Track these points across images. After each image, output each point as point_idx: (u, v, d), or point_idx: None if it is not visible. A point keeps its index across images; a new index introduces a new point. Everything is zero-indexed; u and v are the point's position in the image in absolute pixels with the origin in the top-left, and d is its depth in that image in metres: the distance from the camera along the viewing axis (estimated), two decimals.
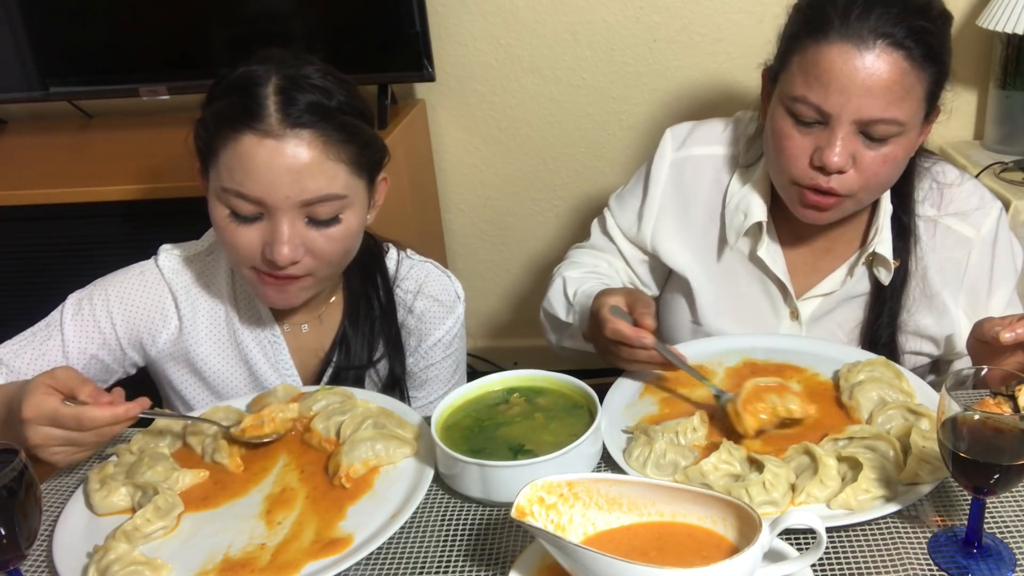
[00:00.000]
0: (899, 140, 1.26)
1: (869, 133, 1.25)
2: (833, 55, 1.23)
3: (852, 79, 1.22)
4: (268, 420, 1.19)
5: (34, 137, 2.56)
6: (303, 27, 2.37)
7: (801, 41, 1.27)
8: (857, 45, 1.21)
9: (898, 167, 1.30)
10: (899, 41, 1.21)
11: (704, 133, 1.51)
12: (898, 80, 1.22)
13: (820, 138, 1.27)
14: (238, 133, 1.19)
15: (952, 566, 0.94)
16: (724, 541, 0.90)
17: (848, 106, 1.23)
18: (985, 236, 1.41)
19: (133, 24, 2.39)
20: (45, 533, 1.08)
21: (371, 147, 1.29)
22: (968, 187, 1.44)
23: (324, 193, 1.21)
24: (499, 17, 2.49)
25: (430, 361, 1.48)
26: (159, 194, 2.07)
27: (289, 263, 1.22)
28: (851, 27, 1.22)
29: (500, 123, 2.62)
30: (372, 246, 1.45)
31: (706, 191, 1.48)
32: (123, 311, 1.35)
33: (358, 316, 1.43)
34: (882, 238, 1.38)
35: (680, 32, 2.47)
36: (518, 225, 2.77)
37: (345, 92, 1.26)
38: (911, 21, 1.22)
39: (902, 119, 1.24)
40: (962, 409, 0.90)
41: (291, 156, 1.19)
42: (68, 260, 2.23)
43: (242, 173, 1.20)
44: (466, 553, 1.01)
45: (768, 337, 1.38)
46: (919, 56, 1.22)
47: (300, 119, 1.20)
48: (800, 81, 1.26)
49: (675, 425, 1.13)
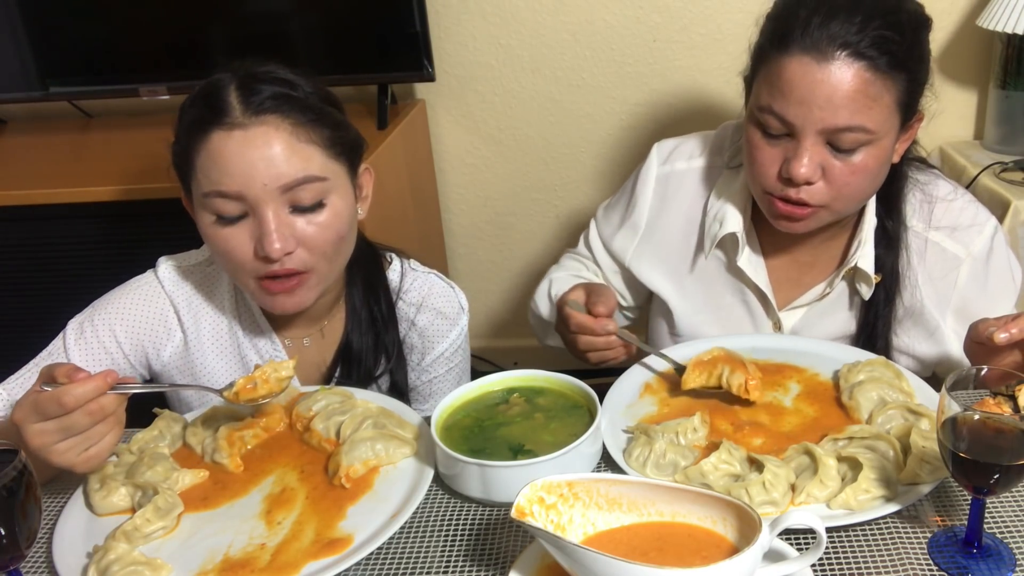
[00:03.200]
0: (870, 149, 1.25)
1: (836, 143, 1.24)
2: (794, 67, 1.22)
3: (812, 90, 1.21)
4: (261, 381, 1.16)
5: (34, 137, 2.56)
6: (303, 27, 2.37)
7: (767, 52, 1.27)
8: (816, 57, 1.20)
9: (872, 176, 1.28)
10: (861, 51, 1.20)
11: (688, 147, 1.52)
12: (861, 89, 1.21)
13: (788, 149, 1.26)
14: (207, 134, 1.20)
15: (952, 566, 0.94)
16: (724, 541, 0.90)
17: (810, 117, 1.22)
18: (976, 255, 1.38)
19: (133, 24, 2.39)
20: (45, 533, 1.08)
21: (344, 129, 1.29)
22: (960, 203, 1.41)
23: (302, 175, 1.21)
24: (499, 17, 2.49)
25: (432, 375, 1.47)
26: (159, 194, 2.06)
27: (282, 254, 1.21)
28: (811, 38, 1.21)
29: (500, 123, 2.62)
30: (374, 257, 1.44)
31: (688, 204, 1.49)
32: (126, 328, 1.35)
33: (361, 330, 1.42)
34: (864, 252, 1.37)
35: (680, 32, 2.47)
36: (518, 225, 2.77)
37: (311, 84, 1.28)
38: (874, 31, 1.20)
39: (870, 127, 1.22)
40: (962, 409, 0.90)
41: (261, 143, 1.19)
42: (68, 260, 2.24)
43: (217, 171, 1.20)
44: (466, 553, 1.01)
45: (768, 337, 1.39)
46: (884, 65, 1.21)
47: (263, 106, 1.20)
48: (766, 92, 1.26)
49: (675, 425, 1.13)
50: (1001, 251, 1.41)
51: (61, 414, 1.01)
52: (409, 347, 1.46)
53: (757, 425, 1.16)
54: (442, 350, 1.46)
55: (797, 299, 1.44)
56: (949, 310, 1.40)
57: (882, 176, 1.31)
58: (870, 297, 1.39)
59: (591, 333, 1.30)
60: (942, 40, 2.43)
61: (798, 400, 1.21)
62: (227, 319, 1.38)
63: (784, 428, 1.15)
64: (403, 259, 1.48)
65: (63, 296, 1.36)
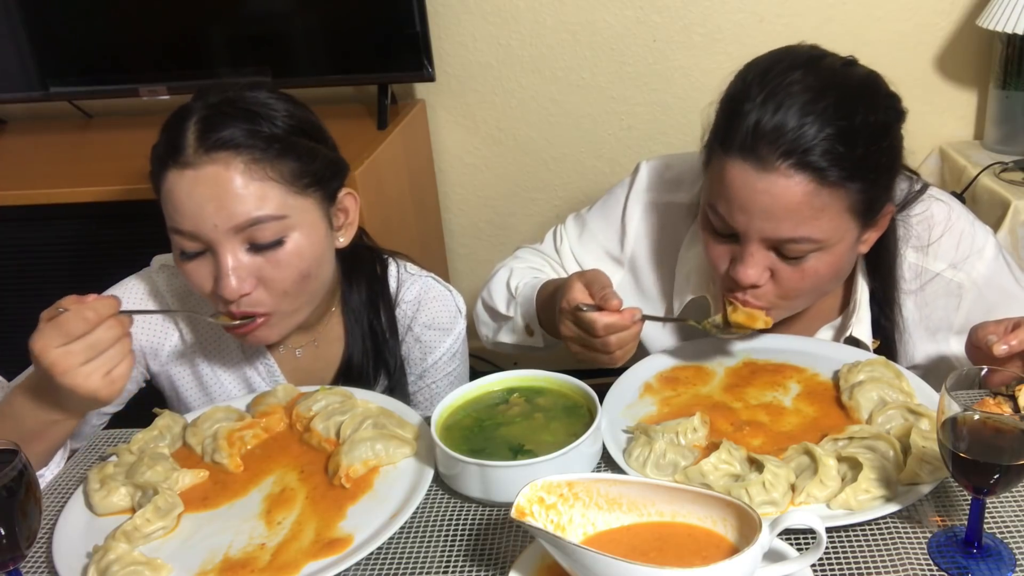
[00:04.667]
0: (821, 255, 1.17)
1: (782, 252, 1.17)
2: (735, 172, 1.14)
3: (751, 200, 1.13)
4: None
5: (34, 137, 2.56)
6: (303, 27, 2.37)
7: (712, 147, 1.19)
8: (755, 165, 1.12)
9: (828, 279, 1.21)
10: (806, 161, 1.10)
11: (674, 174, 1.44)
12: (805, 202, 1.11)
13: (734, 249, 1.20)
14: (165, 171, 1.19)
15: (952, 566, 0.94)
16: (724, 541, 0.90)
17: (752, 225, 1.15)
18: (978, 280, 1.33)
19: (133, 24, 2.39)
20: (45, 533, 1.08)
21: (312, 161, 1.23)
22: (957, 227, 1.32)
23: (254, 216, 1.17)
24: (499, 17, 2.49)
25: (431, 379, 1.46)
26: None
27: (238, 295, 1.19)
28: (753, 143, 1.11)
29: (500, 123, 2.62)
30: (374, 264, 1.42)
31: (667, 242, 1.42)
32: None
33: (361, 346, 1.39)
34: (859, 318, 1.32)
35: (680, 32, 2.47)
36: (518, 225, 2.77)
37: (282, 111, 1.23)
38: (822, 141, 1.10)
39: (818, 237, 1.14)
40: (962, 409, 0.90)
41: (212, 183, 1.16)
42: (68, 260, 2.24)
43: (172, 209, 1.19)
44: (466, 553, 1.01)
45: (768, 337, 1.38)
46: (834, 177, 1.11)
47: (217, 143, 1.17)
48: (712, 190, 1.19)
49: (675, 425, 1.13)
50: (1002, 268, 1.35)
51: (86, 331, 1.04)
52: (406, 352, 1.45)
53: (757, 425, 1.16)
54: (439, 355, 1.44)
55: None
56: (952, 334, 1.36)
57: (843, 274, 1.25)
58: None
59: (623, 330, 1.17)
60: (942, 40, 2.43)
61: (798, 400, 1.21)
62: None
63: (784, 428, 1.15)
64: (399, 262, 1.45)
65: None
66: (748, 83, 1.16)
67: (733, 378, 1.27)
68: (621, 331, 1.17)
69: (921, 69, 2.45)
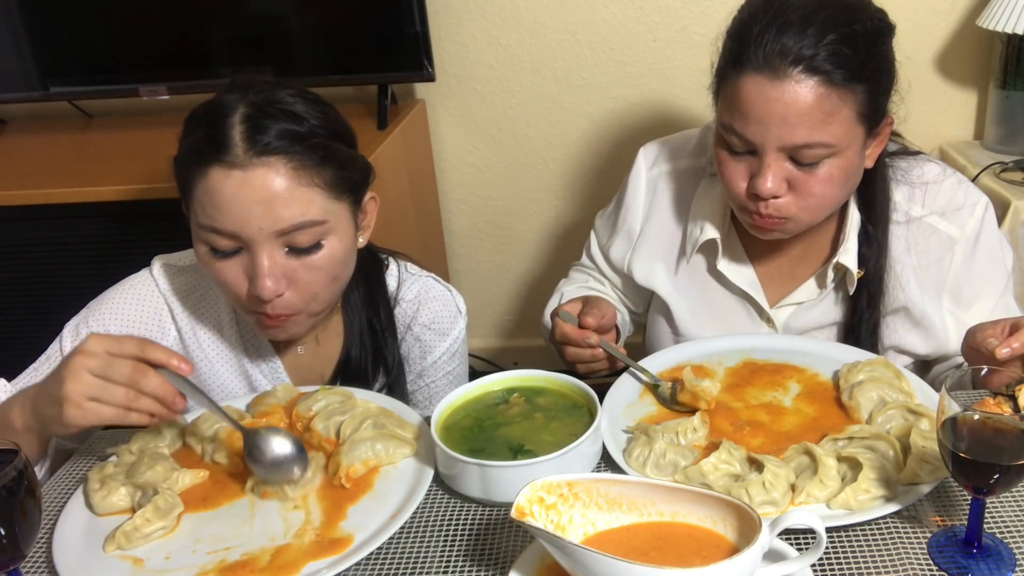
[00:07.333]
0: (834, 160, 1.25)
1: (798, 158, 1.24)
2: (749, 86, 1.22)
3: (768, 109, 1.21)
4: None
5: (34, 137, 2.56)
6: (303, 27, 2.37)
7: (724, 71, 1.28)
8: (770, 75, 1.20)
9: (840, 185, 1.28)
10: (814, 66, 1.19)
11: (674, 147, 1.53)
12: (817, 105, 1.20)
13: (752, 165, 1.27)
14: (206, 167, 1.16)
15: (952, 566, 0.94)
16: (724, 541, 0.90)
17: (768, 135, 1.22)
18: (969, 235, 1.39)
19: (133, 24, 2.39)
20: (45, 533, 1.08)
21: (350, 168, 1.25)
22: (951, 183, 1.41)
23: (299, 221, 1.17)
24: (499, 17, 2.49)
25: (430, 379, 1.46)
26: (159, 194, 2.07)
27: (274, 296, 1.19)
28: (764, 56, 1.21)
29: (500, 123, 2.62)
30: (373, 263, 1.42)
31: (675, 205, 1.50)
32: (120, 328, 1.33)
33: (360, 343, 1.39)
34: (847, 248, 1.38)
35: (680, 32, 2.47)
36: (518, 225, 2.77)
37: (319, 114, 1.23)
38: (827, 45, 1.19)
39: (830, 141, 1.22)
40: (962, 409, 0.90)
41: (260, 186, 1.15)
42: (68, 260, 2.24)
43: (213, 208, 1.17)
44: (466, 553, 1.01)
45: (768, 337, 1.39)
46: (840, 79, 1.20)
47: (267, 147, 1.16)
48: (726, 112, 1.27)
49: (675, 425, 1.13)
50: (992, 231, 1.41)
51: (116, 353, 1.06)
52: (406, 351, 1.45)
53: (757, 425, 1.16)
54: (439, 355, 1.45)
55: (790, 294, 1.45)
56: (945, 292, 1.40)
57: (852, 183, 1.32)
58: (855, 292, 1.39)
59: (575, 345, 1.31)
60: (942, 40, 2.43)
61: (798, 400, 1.21)
62: (223, 319, 1.38)
63: (784, 428, 1.15)
64: (399, 263, 1.46)
65: (63, 296, 1.35)
66: (753, 10, 1.26)
67: (733, 378, 1.27)
68: (576, 347, 1.31)
69: (921, 69, 2.45)
